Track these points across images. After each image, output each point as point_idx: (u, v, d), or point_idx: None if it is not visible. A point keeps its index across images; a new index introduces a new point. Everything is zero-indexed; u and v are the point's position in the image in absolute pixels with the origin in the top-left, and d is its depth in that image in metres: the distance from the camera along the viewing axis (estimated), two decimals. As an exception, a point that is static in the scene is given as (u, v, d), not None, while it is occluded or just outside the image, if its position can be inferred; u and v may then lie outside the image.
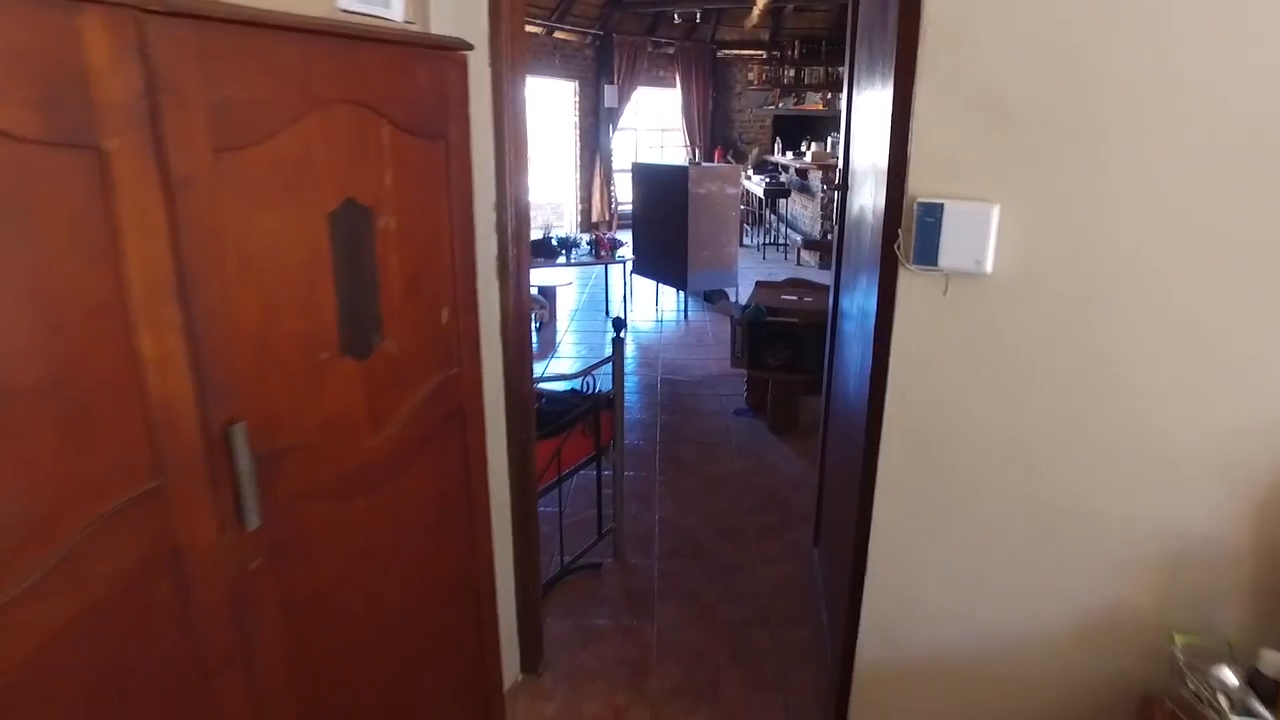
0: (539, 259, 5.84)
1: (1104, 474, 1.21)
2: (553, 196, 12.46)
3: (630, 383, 4.82)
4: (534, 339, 5.84)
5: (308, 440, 1.05)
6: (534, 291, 6.22)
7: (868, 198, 1.75)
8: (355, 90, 1.04)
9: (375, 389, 1.15)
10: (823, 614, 2.31)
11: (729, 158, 12.52)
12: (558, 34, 10.43)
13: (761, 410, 4.17)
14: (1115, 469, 1.20)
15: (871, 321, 1.55)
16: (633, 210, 6.95)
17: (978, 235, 1.17)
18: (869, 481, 1.40)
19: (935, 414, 1.29)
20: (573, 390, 2.59)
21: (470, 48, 1.29)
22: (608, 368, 2.70)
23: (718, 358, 5.29)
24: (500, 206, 1.85)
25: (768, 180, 9.31)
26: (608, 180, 11.44)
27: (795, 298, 4.21)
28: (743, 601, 2.67)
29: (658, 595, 2.70)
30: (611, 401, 2.64)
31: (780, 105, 12.53)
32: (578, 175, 11.37)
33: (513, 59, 1.81)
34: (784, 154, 10.60)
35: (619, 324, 2.65)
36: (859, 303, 1.86)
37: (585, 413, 2.49)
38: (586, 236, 6.03)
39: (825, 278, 8.06)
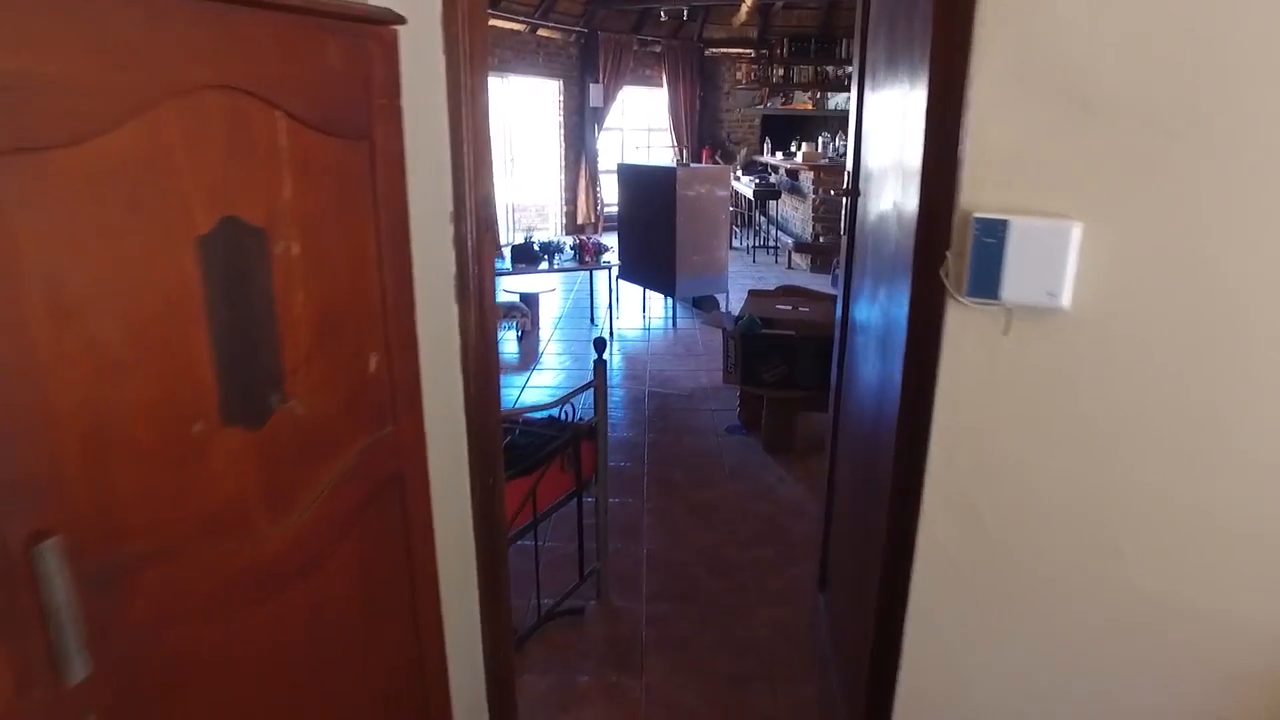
0: (520, 265, 5.57)
1: (1211, 565, 0.95)
2: (537, 198, 12.18)
3: (616, 397, 4.55)
4: (516, 349, 5.57)
5: (174, 543, 0.78)
6: (515, 299, 5.95)
7: (889, 204, 1.50)
8: (234, 72, 0.77)
9: (276, 464, 0.88)
10: (831, 671, 2.06)
11: (717, 158, 12.29)
12: (541, 31, 10.15)
13: (755, 427, 3.92)
14: (1226, 560, 0.95)
15: (898, 357, 1.29)
16: (619, 213, 6.68)
17: (1053, 261, 0.91)
18: (903, 555, 1.14)
19: (993, 483, 1.03)
20: (550, 419, 2.32)
21: (401, 20, 1.02)
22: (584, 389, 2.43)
23: (708, 369, 5.03)
24: (459, 217, 1.58)
25: (757, 181, 9.07)
26: (593, 181, 11.18)
27: (790, 307, 3.96)
28: (740, 652, 2.41)
29: (646, 645, 2.43)
30: (594, 431, 2.38)
31: (769, 105, 12.31)
32: (562, 176, 11.09)
33: (471, 44, 1.54)
34: (773, 154, 10.37)
35: (600, 345, 2.38)
36: (878, 317, 1.61)
37: (564, 445, 2.22)
38: (570, 241, 5.76)
39: (820, 284, 7.89)
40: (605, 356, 2.39)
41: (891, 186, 1.52)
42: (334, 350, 0.94)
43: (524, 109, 10.80)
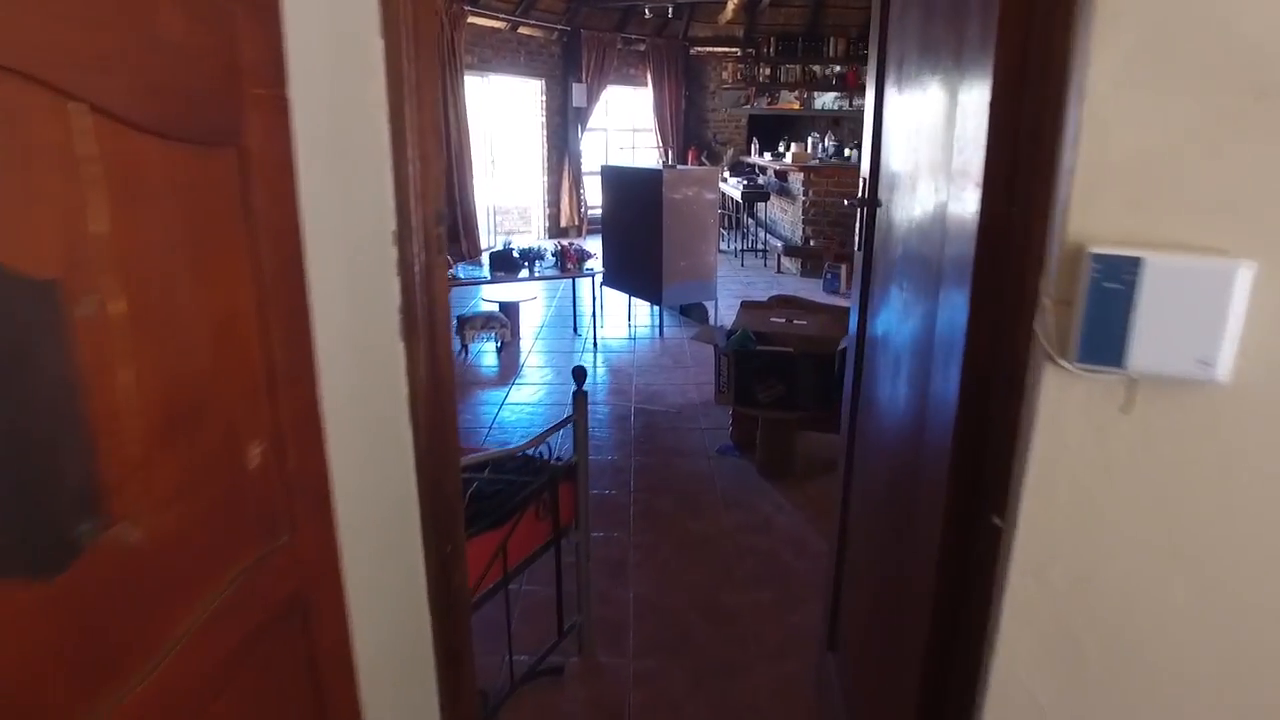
0: (499, 273, 5.28)
1: None
2: (519, 200, 11.88)
3: (599, 414, 4.28)
4: (495, 361, 5.27)
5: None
6: (495, 308, 5.66)
7: (928, 219, 1.24)
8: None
9: (92, 619, 0.60)
10: (846, 751, 1.80)
11: (703, 159, 12.04)
12: (522, 29, 9.86)
13: (749, 447, 3.65)
14: None
15: (943, 424, 1.03)
16: (602, 217, 6.40)
17: (1208, 315, 0.65)
18: (963, 689, 0.88)
19: (1102, 609, 0.76)
20: (523, 459, 2.04)
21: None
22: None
23: (697, 382, 4.77)
24: (403, 238, 1.30)
25: (745, 183, 8.82)
26: (577, 184, 10.89)
27: (785, 320, 3.69)
28: (739, 718, 2.14)
29: (633, 710, 2.16)
30: (573, 471, 2.10)
31: (755, 105, 12.07)
32: (545, 178, 10.80)
33: (416, 25, 1.27)
34: (761, 155, 10.12)
35: (580, 375, 2.10)
36: (908, 336, 1.37)
37: (539, 490, 1.94)
38: (552, 247, 5.48)
39: (811, 288, 7.65)
40: (586, 386, 2.11)
41: (928, 198, 1.25)
42: (190, 445, 0.66)
43: (505, 109, 10.49)
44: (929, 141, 1.25)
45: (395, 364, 1.33)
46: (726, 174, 9.76)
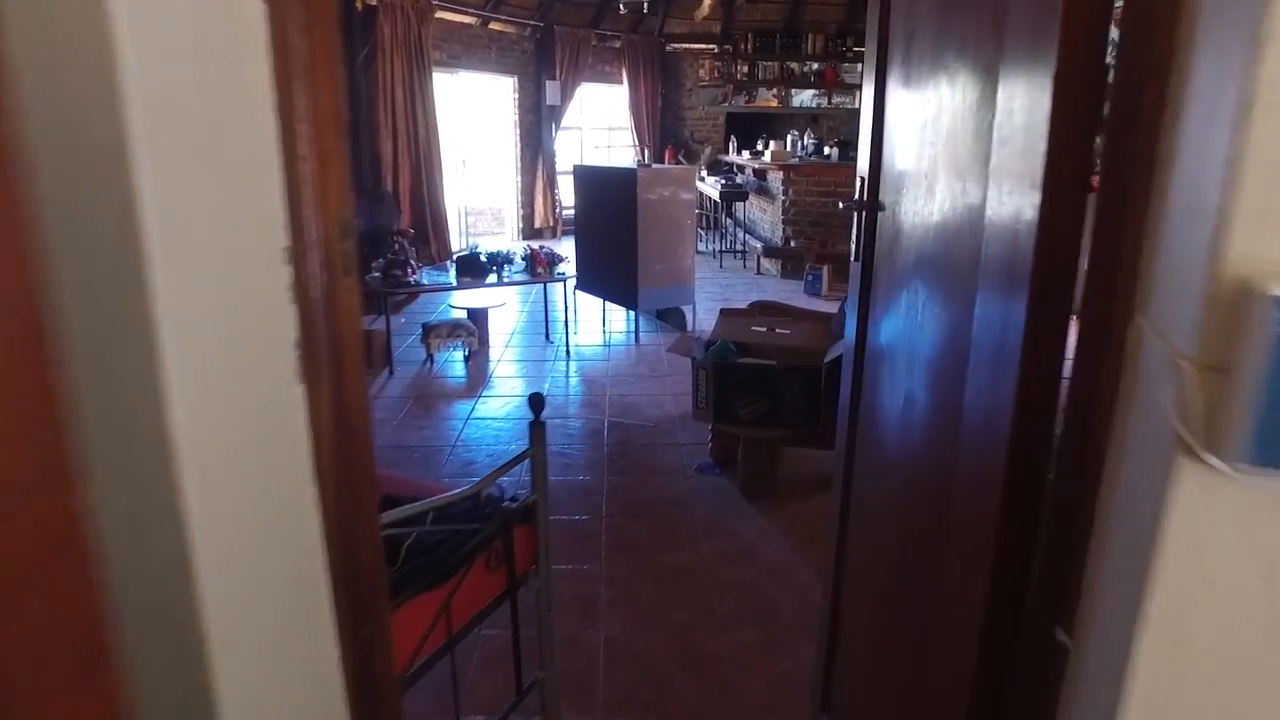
0: (466, 279, 5.01)
1: None
2: (492, 201, 11.58)
3: (571, 429, 4.02)
4: (464, 371, 5.00)
5: None
6: (463, 315, 5.39)
7: (954, 219, 1.01)
8: None
9: None
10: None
11: (680, 158, 11.80)
12: (493, 25, 9.57)
13: (729, 464, 3.42)
14: None
15: (992, 460, 0.80)
16: (575, 219, 6.15)
17: None
18: None
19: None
20: (473, 501, 1.79)
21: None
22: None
23: (674, 393, 4.53)
24: (298, 255, 1.05)
25: (723, 182, 8.59)
26: (551, 183, 10.62)
27: (767, 329, 3.46)
28: (723, 788, 1.91)
29: (603, 780, 1.91)
30: (530, 512, 1.85)
31: (732, 102, 11.87)
32: (518, 178, 10.51)
33: (306, -13, 1.01)
34: (739, 153, 9.91)
35: (538, 404, 1.85)
36: (928, 347, 1.15)
37: (489, 539, 1.69)
38: (521, 250, 5.22)
39: (792, 290, 7.44)
40: (557, 398, 1.86)
41: (952, 200, 1.02)
42: None
43: (477, 107, 10.20)
44: (952, 138, 1.01)
45: (292, 413, 1.08)
46: (704, 173, 9.54)
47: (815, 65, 11.80)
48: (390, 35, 7.64)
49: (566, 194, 10.86)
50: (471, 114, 9.88)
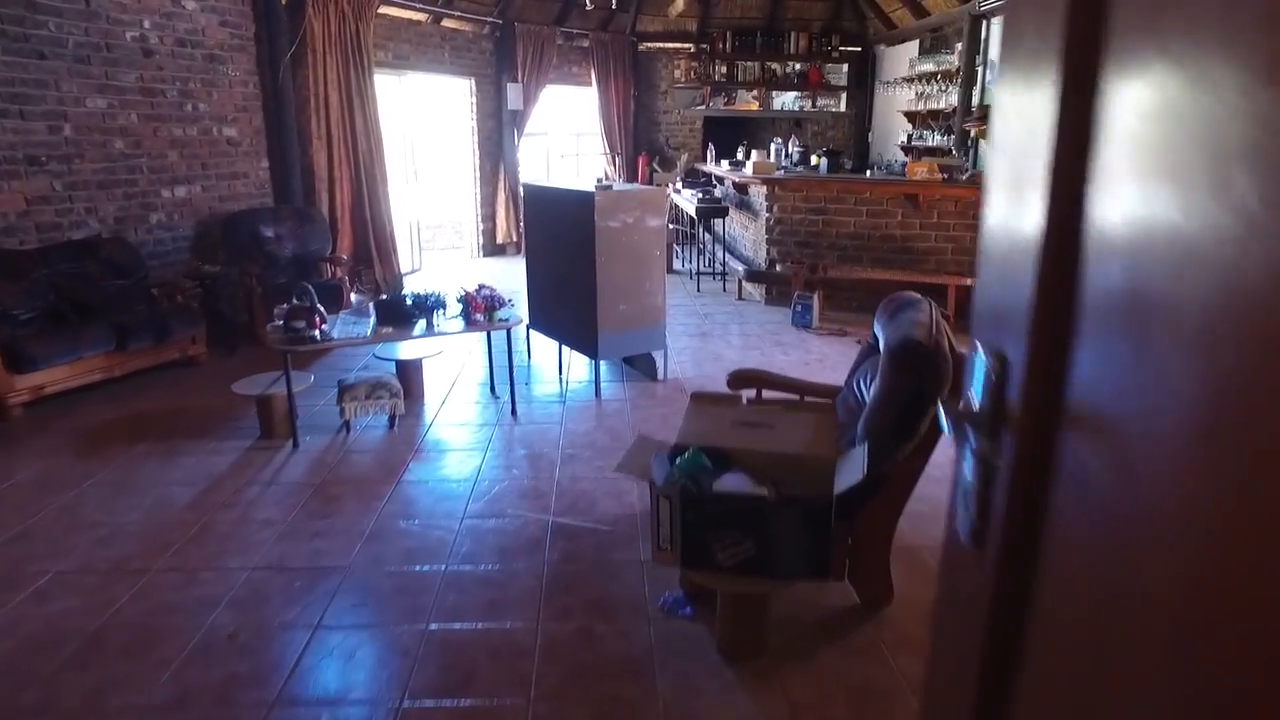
0: (388, 328, 4.14)
1: None
2: (452, 213, 10.68)
3: (508, 535, 3.18)
4: (386, 441, 4.13)
5: None
6: (390, 368, 4.52)
7: None
8: None
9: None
10: None
11: (655, 165, 10.97)
12: (446, 22, 8.68)
13: (706, 600, 2.58)
14: None
15: None
16: (526, 247, 5.29)
17: None
18: None
19: None
20: None
21: None
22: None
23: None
24: None
25: (700, 195, 7.76)
26: (514, 195, 9.73)
27: (754, 424, 2.62)
28: None
29: None
30: None
31: (710, 105, 11.05)
32: (477, 189, 9.62)
33: None
34: (718, 162, 9.08)
35: None
36: None
37: None
38: (457, 292, 4.35)
39: (778, 321, 6.55)
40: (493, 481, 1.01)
41: None
42: None
43: (429, 112, 9.30)
44: None
45: None
46: (679, 185, 8.69)
47: (798, 66, 11.00)
48: (322, 33, 6.73)
49: (531, 206, 9.99)
50: (423, 119, 8.97)
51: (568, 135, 10.81)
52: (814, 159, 8.37)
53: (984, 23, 8.16)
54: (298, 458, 3.90)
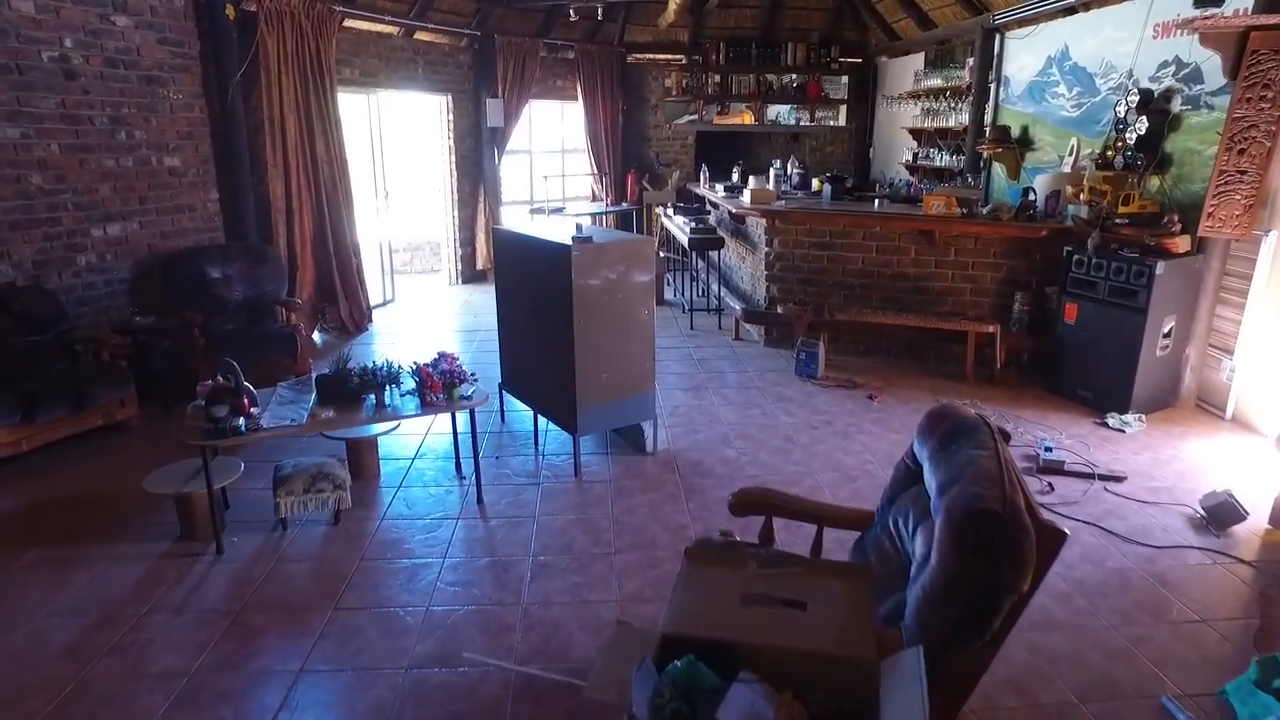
0: (330, 410, 3.53)
1: None
2: (430, 234, 10.08)
3: (456, 694, 2.58)
4: (327, 544, 3.53)
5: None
6: (337, 447, 3.92)
7: None
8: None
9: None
10: None
11: (645, 183, 10.38)
12: (419, 35, 8.06)
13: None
14: None
15: None
16: (497, 297, 4.69)
17: None
18: None
19: None
20: None
21: None
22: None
23: (624, 593, 3.10)
24: None
25: (694, 224, 7.16)
26: (494, 218, 9.12)
27: (774, 599, 2.02)
28: None
29: None
30: None
31: (702, 117, 10.45)
32: (454, 213, 9.00)
33: None
34: (712, 185, 8.49)
35: None
36: None
37: None
38: (409, 365, 3.73)
39: (784, 372, 5.87)
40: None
41: None
42: None
43: (402, 129, 8.69)
44: None
45: None
46: (670, 209, 8.09)
47: (796, 78, 10.43)
48: (277, 51, 6.10)
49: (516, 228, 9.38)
50: (396, 137, 8.35)
51: (552, 153, 10.20)
52: (816, 183, 7.79)
53: (997, 37, 7.60)
54: (219, 569, 3.28)
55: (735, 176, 8.74)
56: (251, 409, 3.40)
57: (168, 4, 5.53)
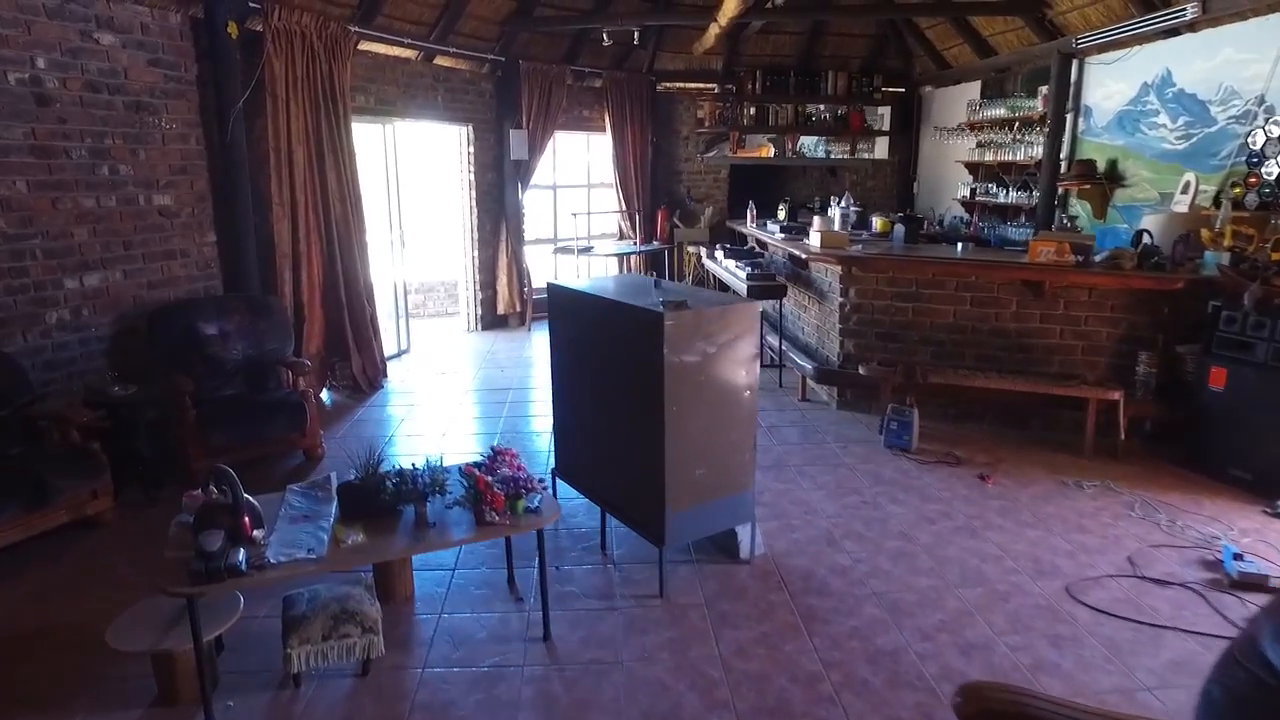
0: (354, 532, 2.70)
1: None
2: (445, 274, 9.33)
3: None
4: (352, 711, 2.66)
5: None
6: (358, 595, 3.06)
7: None
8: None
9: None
10: None
11: (676, 219, 9.66)
12: (440, 60, 7.35)
13: None
14: None
15: None
16: (552, 366, 3.88)
17: None
18: None
19: None
20: None
21: None
22: None
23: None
24: None
25: (751, 268, 6.39)
26: (517, 258, 8.36)
27: None
28: None
29: None
30: None
31: (720, 153, 9.78)
32: (474, 253, 8.23)
33: None
34: (759, 223, 7.75)
35: None
36: None
37: None
38: (458, 470, 2.91)
39: (868, 444, 5.09)
40: None
41: None
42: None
43: (419, 162, 7.95)
44: None
45: None
46: (719, 252, 7.32)
47: (839, 110, 9.75)
48: (285, 75, 5.35)
49: (537, 270, 8.62)
50: (413, 171, 7.59)
51: (577, 187, 9.47)
52: (879, 223, 7.04)
53: (1074, 62, 6.93)
54: (208, 757, 2.42)
55: (783, 214, 8.00)
56: (254, 532, 2.57)
57: (161, 21, 4.78)
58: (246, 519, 2.54)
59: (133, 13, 4.59)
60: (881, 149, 10.17)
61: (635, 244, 9.23)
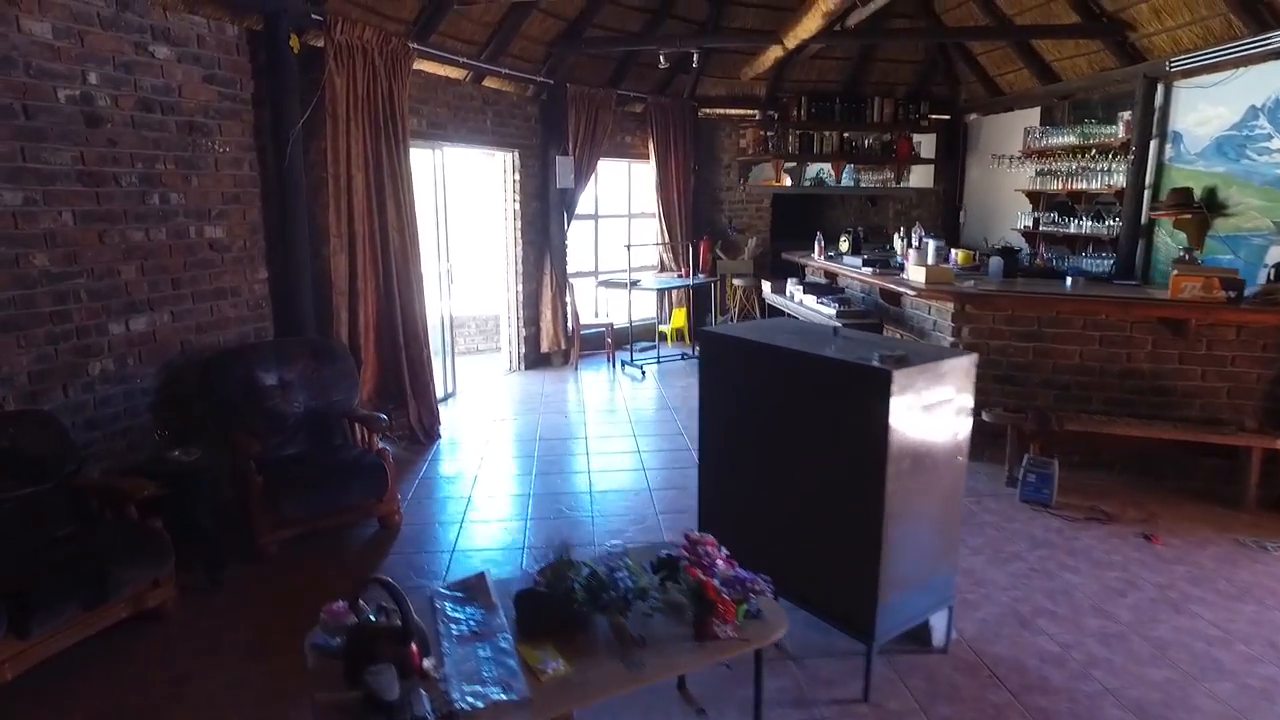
0: (552, 660, 2.14)
1: None
2: (481, 309, 8.79)
3: None
4: None
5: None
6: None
7: None
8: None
9: None
10: None
11: (718, 250, 9.22)
12: (488, 81, 6.87)
13: None
14: None
15: None
16: (701, 428, 3.35)
17: None
18: None
19: None
20: None
21: None
22: None
23: None
24: None
25: (839, 305, 5.93)
26: (561, 292, 7.84)
27: None
28: None
29: None
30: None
31: (744, 184, 9.40)
32: (518, 286, 7.70)
33: None
34: (828, 255, 7.32)
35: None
36: None
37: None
38: (649, 566, 2.36)
39: (999, 498, 3.96)
40: None
41: None
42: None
43: (461, 192, 7.44)
44: None
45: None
46: (799, 287, 6.85)
47: (884, 136, 9.41)
48: (347, 92, 4.84)
49: (582, 304, 8.10)
50: (458, 201, 7.06)
51: (618, 218, 9.00)
52: (960, 255, 6.63)
53: (1159, 87, 6.61)
54: None
55: (845, 245, 7.58)
56: (423, 662, 2.00)
57: (218, 33, 4.26)
58: (414, 647, 1.98)
59: (189, 24, 4.07)
60: (918, 177, 9.83)
61: (680, 276, 8.75)
